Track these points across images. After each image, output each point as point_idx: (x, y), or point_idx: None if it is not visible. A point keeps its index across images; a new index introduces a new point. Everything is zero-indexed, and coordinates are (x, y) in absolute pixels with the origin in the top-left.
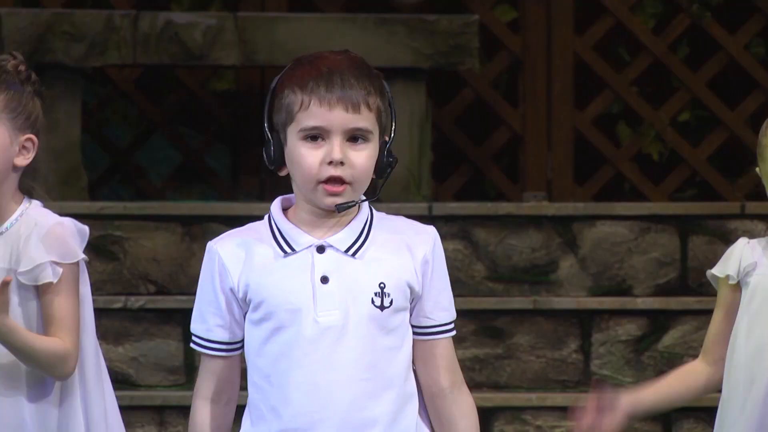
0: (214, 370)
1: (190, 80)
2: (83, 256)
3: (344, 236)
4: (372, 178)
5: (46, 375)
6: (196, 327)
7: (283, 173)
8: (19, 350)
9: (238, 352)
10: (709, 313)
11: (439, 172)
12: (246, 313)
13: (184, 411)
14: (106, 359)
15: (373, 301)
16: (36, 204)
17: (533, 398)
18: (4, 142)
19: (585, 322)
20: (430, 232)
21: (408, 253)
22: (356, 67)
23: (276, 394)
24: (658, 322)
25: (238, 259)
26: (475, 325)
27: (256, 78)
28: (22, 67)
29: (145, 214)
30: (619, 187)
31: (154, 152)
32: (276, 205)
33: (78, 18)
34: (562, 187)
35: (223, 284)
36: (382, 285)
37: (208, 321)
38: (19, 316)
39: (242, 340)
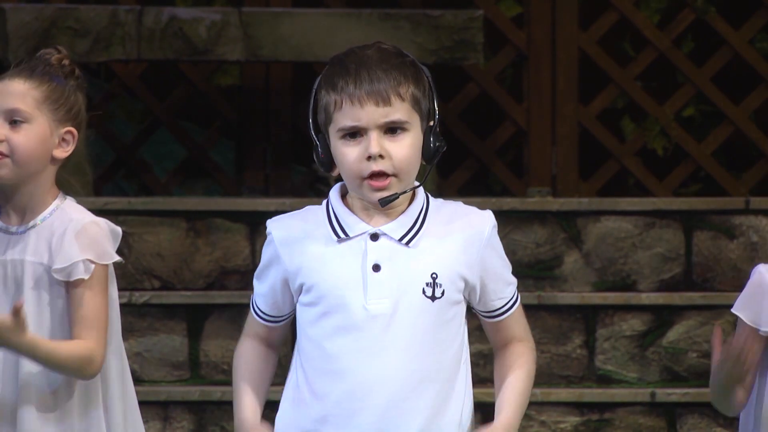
0: (257, 329)
1: (195, 75)
2: (117, 257)
3: (399, 225)
4: (422, 164)
5: (72, 377)
6: (254, 296)
7: (335, 173)
8: (42, 361)
9: (277, 325)
10: (713, 308)
11: (444, 166)
12: (298, 296)
13: (188, 406)
14: None
15: (424, 291)
16: (70, 200)
17: (537, 393)
18: (44, 134)
19: (589, 317)
20: (487, 218)
21: (463, 244)
22: (384, 59)
23: (320, 379)
24: (663, 317)
25: (293, 241)
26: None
27: (260, 73)
28: (66, 61)
29: (149, 209)
30: (623, 182)
31: (158, 147)
32: (335, 191)
33: (82, 13)
34: (567, 182)
35: (276, 266)
36: (434, 275)
37: (260, 293)
38: (47, 313)
39: (283, 317)
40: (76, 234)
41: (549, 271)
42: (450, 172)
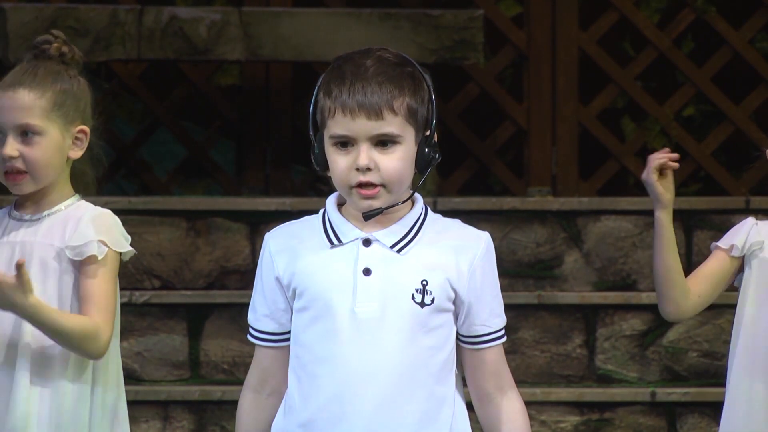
0: (260, 360)
1: (195, 75)
2: (130, 248)
3: (392, 232)
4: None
5: (78, 354)
6: (249, 317)
7: (329, 173)
8: (46, 328)
9: (286, 344)
10: (713, 308)
11: (444, 166)
12: (293, 303)
13: (188, 405)
14: None
15: (413, 297)
16: (87, 202)
17: (538, 393)
18: (57, 142)
19: (589, 316)
20: (482, 237)
21: (455, 256)
22: (381, 71)
23: (309, 383)
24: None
25: (287, 248)
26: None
27: (260, 73)
28: (65, 48)
29: (149, 208)
30: (623, 182)
31: (158, 147)
32: (331, 199)
33: (82, 13)
34: (567, 182)
35: (269, 274)
36: (424, 282)
37: (257, 310)
38: (54, 292)
39: (285, 334)
40: (93, 219)
41: (549, 270)
42: (450, 172)
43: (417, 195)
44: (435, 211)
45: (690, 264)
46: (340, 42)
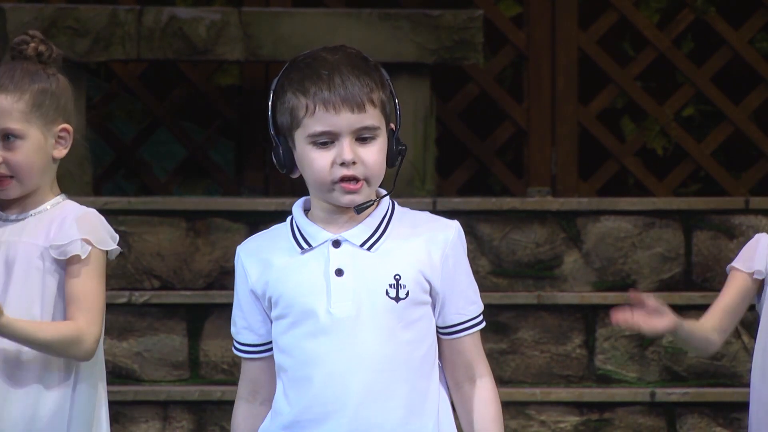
0: (247, 372)
1: (195, 75)
2: (115, 246)
3: (360, 230)
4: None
5: (67, 358)
6: (231, 329)
7: (295, 176)
8: (24, 343)
9: (269, 354)
10: None
11: (444, 167)
12: (270, 312)
13: (188, 406)
14: (110, 354)
15: (387, 293)
16: (72, 202)
17: (537, 393)
18: (39, 144)
19: (589, 317)
20: (452, 225)
21: (426, 247)
22: (354, 65)
23: (292, 387)
24: None
25: (259, 259)
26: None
27: (260, 73)
28: (42, 47)
29: (149, 209)
30: (623, 182)
31: (158, 147)
32: (298, 205)
33: (82, 13)
34: (567, 182)
35: (244, 287)
36: (397, 277)
37: (236, 323)
38: (37, 292)
39: (265, 345)
40: (77, 218)
41: (549, 270)
42: (450, 172)
43: (382, 190)
44: (435, 212)
45: (689, 264)
46: (339, 42)
